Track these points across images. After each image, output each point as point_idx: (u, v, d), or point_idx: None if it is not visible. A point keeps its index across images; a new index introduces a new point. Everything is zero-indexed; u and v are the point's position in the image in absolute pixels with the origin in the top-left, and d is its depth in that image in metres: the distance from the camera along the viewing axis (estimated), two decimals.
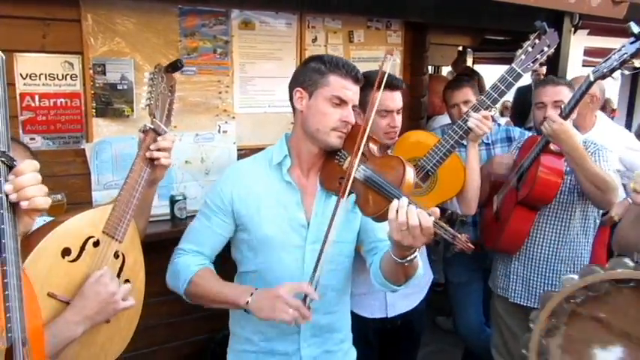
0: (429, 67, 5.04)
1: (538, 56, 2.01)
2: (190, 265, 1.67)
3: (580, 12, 3.16)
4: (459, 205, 2.31)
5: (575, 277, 0.95)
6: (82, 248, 1.34)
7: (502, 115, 5.70)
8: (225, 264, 1.81)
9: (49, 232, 1.27)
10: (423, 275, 2.40)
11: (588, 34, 4.03)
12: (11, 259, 0.96)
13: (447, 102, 2.95)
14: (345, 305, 1.85)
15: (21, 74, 2.33)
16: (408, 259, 1.48)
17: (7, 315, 0.91)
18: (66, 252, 1.31)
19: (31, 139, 2.39)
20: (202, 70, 2.73)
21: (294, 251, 1.67)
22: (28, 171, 1.03)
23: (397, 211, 1.38)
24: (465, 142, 2.21)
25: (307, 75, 1.64)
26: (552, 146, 2.34)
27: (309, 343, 1.74)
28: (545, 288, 2.50)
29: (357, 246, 1.80)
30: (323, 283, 1.68)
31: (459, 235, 1.43)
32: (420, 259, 2.34)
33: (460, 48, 5.57)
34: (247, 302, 1.53)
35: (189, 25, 2.66)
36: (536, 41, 2.01)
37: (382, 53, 3.23)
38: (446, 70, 6.32)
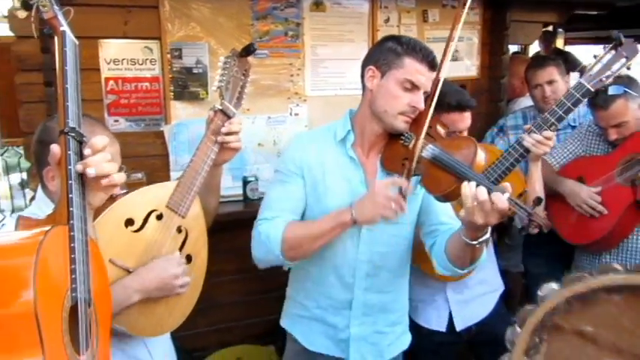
0: (516, 47, 4.78)
1: (613, 68, 1.75)
2: (277, 225, 1.61)
3: None
4: (520, 221, 2.19)
5: (556, 286, 0.84)
6: (145, 220, 1.40)
7: None
8: None
9: (114, 202, 1.34)
10: (494, 279, 2.30)
11: None
12: (78, 226, 1.01)
13: (529, 82, 2.77)
14: (400, 288, 1.82)
15: (105, 59, 2.48)
16: (480, 240, 1.43)
17: (72, 276, 0.96)
18: (129, 222, 1.38)
19: (115, 121, 2.54)
20: (274, 53, 2.77)
21: (351, 229, 1.64)
22: (101, 147, 1.07)
23: (470, 188, 1.34)
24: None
25: (382, 54, 1.61)
26: None
27: (360, 321, 1.73)
28: None
29: (416, 230, 1.75)
30: (377, 263, 1.69)
31: (536, 212, 1.35)
32: (489, 266, 2.25)
33: (551, 27, 5.22)
34: (352, 215, 1.52)
35: (262, 9, 2.70)
36: (612, 53, 1.76)
37: (458, 33, 3.11)
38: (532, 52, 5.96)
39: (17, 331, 0.84)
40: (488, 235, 1.44)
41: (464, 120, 2.02)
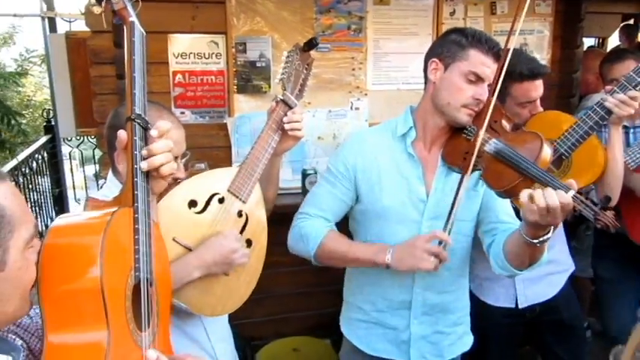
0: (592, 41, 4.54)
1: None
2: (318, 228, 1.66)
3: None
4: (597, 194, 2.07)
5: None
6: (208, 202, 1.44)
7: None
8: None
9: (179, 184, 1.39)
10: (564, 258, 2.22)
11: None
12: (142, 209, 1.05)
13: (603, 77, 2.62)
14: (461, 287, 1.77)
15: (173, 53, 2.57)
16: (541, 239, 1.37)
17: (136, 256, 1.00)
18: (192, 204, 1.42)
19: (181, 113, 2.63)
20: (336, 47, 2.77)
21: (411, 225, 1.63)
22: (165, 130, 1.10)
23: (532, 194, 1.28)
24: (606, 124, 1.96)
25: (446, 46, 1.57)
26: None
27: (420, 321, 1.70)
28: None
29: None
30: None
31: (602, 211, 1.27)
32: (559, 246, 2.16)
33: (632, 20, 4.92)
34: (387, 259, 1.54)
35: (325, 3, 2.70)
36: None
37: (528, 26, 3.01)
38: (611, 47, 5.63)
39: (84, 305, 0.88)
40: (550, 234, 1.38)
41: (537, 88, 1.95)
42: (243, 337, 2.65)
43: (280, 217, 1.79)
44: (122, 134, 1.09)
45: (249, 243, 1.52)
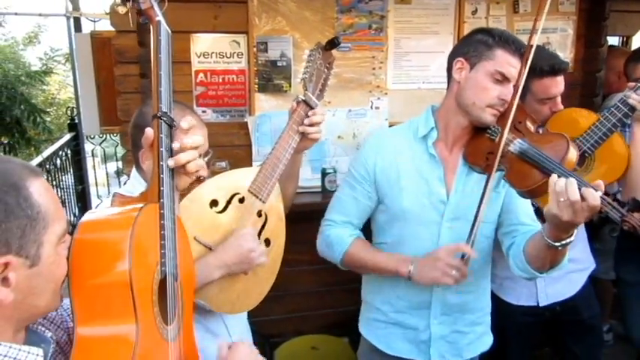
0: (616, 39, 4.47)
1: None
2: (343, 237, 1.71)
3: None
4: (621, 193, 2.05)
5: None
6: (229, 202, 1.46)
7: None
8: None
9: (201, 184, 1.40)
10: (585, 257, 2.20)
11: None
12: (167, 204, 1.07)
13: (628, 76, 2.58)
14: (481, 287, 1.77)
15: (196, 53, 2.60)
16: (563, 242, 1.36)
17: (162, 251, 1.02)
18: (214, 203, 1.44)
19: (203, 111, 2.66)
20: (357, 47, 2.77)
21: (430, 226, 1.63)
22: (188, 127, 1.13)
23: (559, 182, 1.28)
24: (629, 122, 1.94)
25: (472, 46, 1.57)
26: None
27: (439, 321, 1.70)
28: None
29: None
30: None
31: (630, 213, 1.26)
32: (580, 244, 2.14)
33: None
34: (409, 271, 1.58)
35: (346, 2, 2.71)
36: None
37: (552, 24, 2.98)
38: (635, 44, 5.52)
39: (113, 298, 0.90)
40: (572, 238, 1.37)
41: (557, 85, 1.94)
42: (261, 335, 2.67)
43: (299, 216, 1.80)
44: (149, 131, 1.12)
45: (267, 242, 1.54)
